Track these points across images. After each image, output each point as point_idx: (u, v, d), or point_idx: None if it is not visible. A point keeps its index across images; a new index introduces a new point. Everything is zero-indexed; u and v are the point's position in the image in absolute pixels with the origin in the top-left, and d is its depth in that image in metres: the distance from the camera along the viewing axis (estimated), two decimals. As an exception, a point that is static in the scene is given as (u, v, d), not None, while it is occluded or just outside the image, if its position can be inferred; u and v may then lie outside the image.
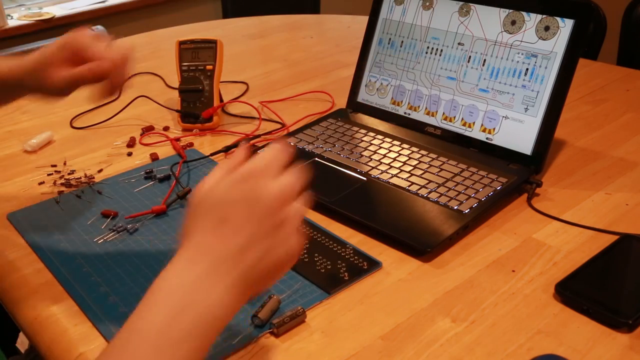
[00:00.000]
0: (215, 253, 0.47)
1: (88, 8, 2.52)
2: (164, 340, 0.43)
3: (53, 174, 0.92)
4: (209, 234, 0.47)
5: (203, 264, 0.46)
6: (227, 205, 0.48)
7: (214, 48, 1.08)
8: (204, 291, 0.46)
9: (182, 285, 0.46)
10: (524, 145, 0.87)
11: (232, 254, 0.47)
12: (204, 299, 0.45)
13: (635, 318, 0.61)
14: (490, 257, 0.72)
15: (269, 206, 0.48)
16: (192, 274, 0.46)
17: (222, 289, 0.46)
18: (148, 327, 0.44)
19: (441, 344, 0.60)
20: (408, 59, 1.00)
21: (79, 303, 0.67)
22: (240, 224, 0.47)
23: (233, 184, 0.49)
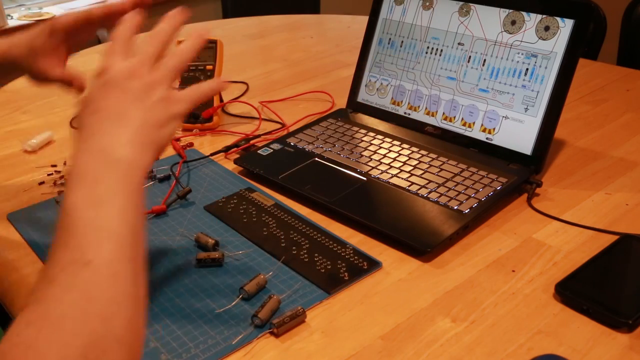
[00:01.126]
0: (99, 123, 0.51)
1: (88, 8, 2.52)
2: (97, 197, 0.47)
3: (53, 174, 0.92)
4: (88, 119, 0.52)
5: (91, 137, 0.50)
6: (91, 95, 0.53)
7: (214, 48, 1.08)
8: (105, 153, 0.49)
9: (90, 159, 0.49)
10: (524, 145, 0.87)
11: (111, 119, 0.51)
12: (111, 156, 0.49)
13: (635, 318, 0.61)
14: (490, 257, 0.72)
15: (130, 74, 0.53)
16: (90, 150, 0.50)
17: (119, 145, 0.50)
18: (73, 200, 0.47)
19: (441, 344, 0.60)
20: (408, 59, 1.00)
21: (79, 303, 0.67)
22: (105, 99, 0.52)
23: (94, 82, 0.54)
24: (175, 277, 0.70)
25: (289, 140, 0.97)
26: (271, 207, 0.82)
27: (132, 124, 0.51)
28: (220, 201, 0.84)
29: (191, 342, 0.61)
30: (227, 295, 0.67)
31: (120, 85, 0.53)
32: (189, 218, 0.81)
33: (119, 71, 0.53)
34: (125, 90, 0.52)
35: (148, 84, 0.53)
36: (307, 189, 0.84)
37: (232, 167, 0.93)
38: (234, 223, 0.79)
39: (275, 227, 0.78)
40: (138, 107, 0.52)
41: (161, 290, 0.68)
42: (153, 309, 0.65)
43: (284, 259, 0.72)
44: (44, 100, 1.19)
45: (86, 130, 0.51)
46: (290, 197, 0.85)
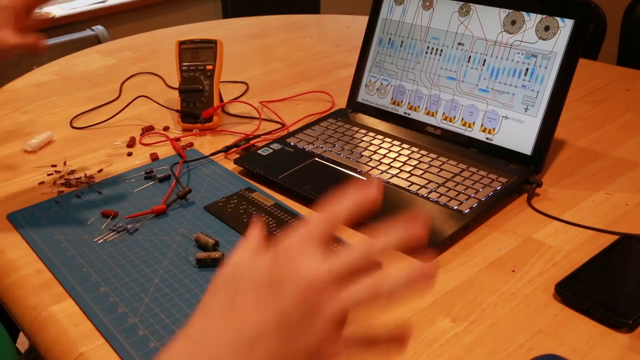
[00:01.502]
0: (217, 342, 0.37)
1: (88, 8, 2.52)
2: None
3: (53, 174, 0.92)
4: (216, 316, 0.39)
5: (198, 357, 0.38)
6: (243, 283, 0.38)
7: (214, 48, 1.08)
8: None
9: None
10: (524, 145, 0.87)
11: (236, 345, 0.37)
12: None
13: (635, 318, 0.61)
14: (490, 257, 0.72)
15: (298, 293, 0.37)
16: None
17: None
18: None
19: (441, 344, 0.60)
20: (408, 59, 1.00)
21: (79, 303, 0.67)
22: (253, 308, 0.37)
23: (258, 260, 0.39)
24: (175, 277, 0.70)
25: (289, 140, 0.97)
26: (271, 207, 0.82)
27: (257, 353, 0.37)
28: (220, 201, 0.84)
29: (191, 342, 0.61)
30: (227, 295, 0.67)
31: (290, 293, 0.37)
32: (189, 218, 0.81)
33: (301, 276, 0.37)
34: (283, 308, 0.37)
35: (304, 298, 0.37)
36: (307, 189, 0.84)
37: (232, 167, 0.93)
38: (234, 223, 0.79)
39: (275, 227, 0.78)
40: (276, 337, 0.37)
41: (161, 291, 0.68)
42: (153, 309, 0.65)
43: (284, 259, 0.72)
44: (44, 100, 1.19)
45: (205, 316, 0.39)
46: (290, 197, 0.85)
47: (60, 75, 1.33)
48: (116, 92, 1.22)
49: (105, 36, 2.38)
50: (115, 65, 1.37)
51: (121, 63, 1.39)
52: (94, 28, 2.40)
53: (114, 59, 1.41)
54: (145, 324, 0.63)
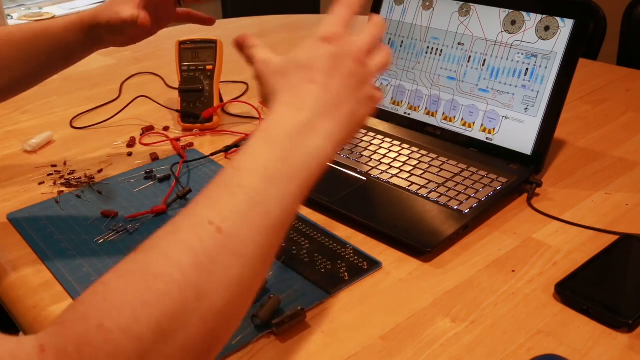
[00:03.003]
0: (317, 102, 0.48)
1: (88, 8, 2.53)
2: (275, 173, 0.44)
3: (53, 174, 0.92)
4: (304, 86, 0.48)
5: (305, 111, 0.47)
6: (315, 61, 0.49)
7: (214, 48, 1.08)
8: (309, 137, 0.46)
9: (288, 132, 0.46)
10: (524, 145, 0.87)
11: (331, 104, 0.48)
12: (310, 144, 0.46)
13: (635, 318, 0.61)
14: (490, 257, 0.72)
15: (356, 58, 0.50)
16: (294, 121, 0.47)
17: (323, 135, 0.47)
18: (256, 165, 0.44)
19: (441, 344, 0.60)
20: (408, 59, 1.00)
21: (79, 303, 0.67)
22: (330, 78, 0.49)
23: (316, 44, 0.50)
24: (175, 277, 0.70)
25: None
26: (271, 207, 0.82)
27: (342, 115, 0.48)
28: (220, 201, 0.84)
29: (191, 342, 0.61)
30: (227, 295, 0.66)
31: (346, 65, 0.49)
32: (189, 218, 0.81)
33: (351, 45, 0.50)
34: (349, 75, 0.49)
35: (366, 75, 0.51)
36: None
37: (232, 167, 0.93)
38: (234, 223, 0.79)
39: (275, 227, 0.78)
40: (351, 101, 0.49)
41: (161, 290, 0.68)
42: (153, 309, 0.65)
43: (283, 259, 0.72)
44: (44, 100, 1.19)
45: (294, 91, 0.48)
46: (290, 197, 0.85)
47: (60, 75, 1.31)
48: (116, 92, 1.22)
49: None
50: (115, 65, 1.37)
51: (121, 63, 1.39)
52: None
53: (114, 59, 1.41)
54: (145, 324, 0.63)
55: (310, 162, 0.46)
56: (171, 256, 0.40)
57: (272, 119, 0.47)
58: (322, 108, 0.48)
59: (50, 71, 0.85)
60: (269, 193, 0.43)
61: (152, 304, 0.37)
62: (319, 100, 0.48)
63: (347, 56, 0.50)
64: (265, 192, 0.43)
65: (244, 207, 0.42)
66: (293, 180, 0.44)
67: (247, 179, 0.43)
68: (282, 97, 0.49)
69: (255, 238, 0.42)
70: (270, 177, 0.44)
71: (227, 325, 0.41)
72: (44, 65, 0.82)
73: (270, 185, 0.43)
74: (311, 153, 0.46)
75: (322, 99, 0.48)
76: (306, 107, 0.47)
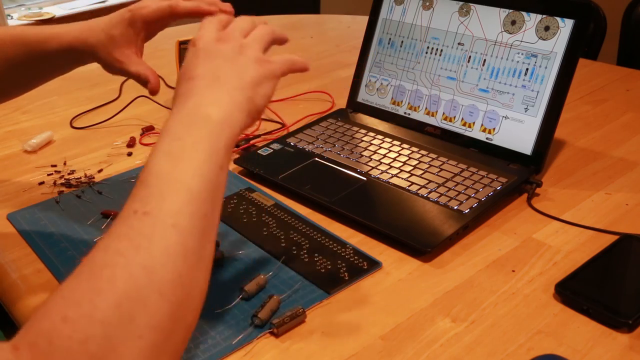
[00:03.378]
0: (198, 87, 0.52)
1: (88, 8, 2.53)
2: (176, 150, 0.48)
3: (53, 174, 0.92)
4: (186, 85, 0.53)
5: (190, 98, 0.51)
6: (187, 62, 0.55)
7: (214, 48, 1.07)
8: (196, 110, 0.50)
9: (177, 118, 0.50)
10: (524, 145, 0.87)
11: (209, 82, 0.52)
12: (200, 111, 0.50)
13: (635, 318, 0.61)
14: (490, 257, 0.72)
15: (219, 40, 0.56)
16: (179, 108, 0.51)
17: (210, 103, 0.51)
18: (157, 151, 0.48)
19: (441, 344, 0.60)
20: (408, 59, 1.00)
21: (79, 303, 0.67)
22: (201, 66, 0.54)
23: (188, 52, 0.56)
24: (175, 277, 0.70)
25: (289, 140, 0.97)
26: (271, 207, 0.82)
27: (226, 83, 0.51)
28: (220, 201, 0.84)
29: (191, 342, 0.61)
30: (227, 295, 0.67)
31: (212, 50, 0.54)
32: (189, 218, 0.81)
33: (209, 38, 0.55)
34: (217, 54, 0.53)
35: (239, 45, 0.55)
36: (307, 189, 0.84)
37: (232, 167, 0.93)
38: (234, 223, 0.79)
39: (275, 227, 0.78)
40: (231, 68, 0.53)
41: (161, 290, 0.68)
42: (153, 309, 0.65)
43: (284, 259, 0.72)
44: (44, 100, 1.19)
45: (181, 96, 0.52)
46: (290, 197, 0.85)
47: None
48: (116, 92, 1.22)
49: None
50: (115, 65, 1.37)
51: (121, 63, 1.38)
52: (94, 28, 2.40)
53: (114, 59, 1.41)
54: (145, 324, 0.63)
55: (210, 130, 0.48)
56: (109, 247, 0.42)
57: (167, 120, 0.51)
58: (203, 89, 0.51)
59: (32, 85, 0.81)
60: (180, 168, 0.46)
61: (105, 289, 0.40)
62: (199, 86, 0.52)
63: (211, 43, 0.55)
64: (174, 170, 0.46)
65: (161, 188, 0.45)
66: (197, 149, 0.47)
67: (154, 166, 0.47)
68: (174, 104, 0.53)
69: (183, 208, 0.44)
70: (173, 155, 0.47)
71: (188, 296, 0.43)
72: (28, 79, 0.79)
73: (177, 162, 0.46)
74: (202, 118, 0.49)
75: (201, 83, 0.52)
76: (191, 94, 0.51)
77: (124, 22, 0.70)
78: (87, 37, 0.71)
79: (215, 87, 0.51)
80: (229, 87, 0.52)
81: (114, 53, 0.71)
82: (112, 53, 0.71)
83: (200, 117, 0.49)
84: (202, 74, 0.53)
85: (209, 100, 0.50)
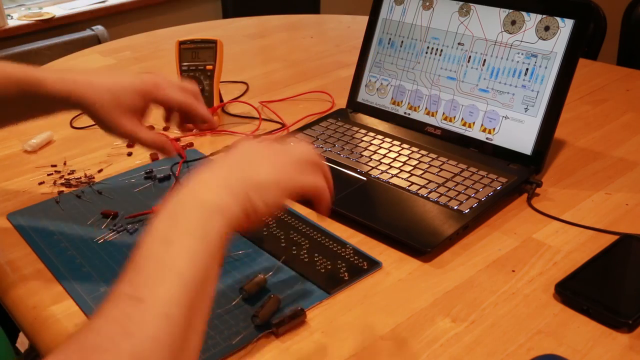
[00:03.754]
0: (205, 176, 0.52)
1: (88, 8, 2.52)
2: (170, 234, 0.47)
3: (53, 174, 0.92)
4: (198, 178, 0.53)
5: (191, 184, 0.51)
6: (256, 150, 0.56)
7: (214, 48, 1.08)
8: (194, 194, 0.50)
9: (176, 200, 0.49)
10: (524, 145, 0.87)
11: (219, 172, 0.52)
12: (198, 196, 0.49)
13: (635, 318, 0.61)
14: (490, 257, 0.72)
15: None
16: (181, 193, 0.50)
17: (209, 190, 0.50)
18: (152, 234, 0.46)
19: (441, 344, 0.60)
20: (408, 59, 1.00)
21: (79, 303, 0.67)
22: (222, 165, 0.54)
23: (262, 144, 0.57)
24: (175, 277, 0.70)
25: (289, 140, 0.97)
26: (271, 207, 0.82)
27: (228, 171, 0.51)
28: (220, 201, 0.84)
29: (191, 342, 0.61)
30: (227, 295, 0.67)
31: (239, 149, 0.55)
32: (189, 218, 0.81)
33: (248, 142, 0.56)
34: (239, 151, 0.54)
35: (269, 151, 0.55)
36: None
37: (232, 167, 0.93)
38: (234, 223, 0.79)
39: (275, 227, 0.78)
40: (243, 161, 0.53)
41: (161, 290, 0.68)
42: (153, 309, 0.65)
43: (284, 259, 0.72)
44: (44, 100, 1.19)
45: (190, 178, 0.51)
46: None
47: (60, 75, 1.32)
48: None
49: (105, 36, 2.38)
50: (115, 65, 1.37)
51: (121, 63, 1.39)
52: (94, 28, 2.40)
53: (114, 59, 1.41)
54: (145, 324, 0.63)
55: (203, 214, 0.47)
56: (101, 330, 0.41)
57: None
58: (209, 173, 0.51)
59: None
60: (172, 253, 0.45)
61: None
62: (207, 170, 0.52)
63: (249, 141, 0.56)
64: (167, 253, 0.45)
65: (153, 273, 0.44)
66: (190, 234, 0.46)
67: (148, 249, 0.45)
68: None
69: (174, 297, 0.43)
70: (167, 239, 0.45)
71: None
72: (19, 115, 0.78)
73: (169, 246, 0.45)
74: (199, 205, 0.48)
75: (211, 166, 0.52)
76: (197, 177, 0.51)
77: (137, 92, 0.70)
78: (79, 90, 0.69)
79: (220, 173, 0.51)
80: (232, 176, 0.51)
81: (118, 117, 0.70)
82: (115, 117, 0.70)
83: (198, 200, 0.49)
84: (221, 159, 0.53)
85: (208, 185, 0.50)
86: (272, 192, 0.52)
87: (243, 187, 0.50)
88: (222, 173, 0.51)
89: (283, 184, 0.53)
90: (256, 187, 0.51)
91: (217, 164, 0.52)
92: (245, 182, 0.51)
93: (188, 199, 0.49)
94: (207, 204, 0.48)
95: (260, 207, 0.51)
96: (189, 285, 0.44)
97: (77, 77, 0.70)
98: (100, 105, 0.69)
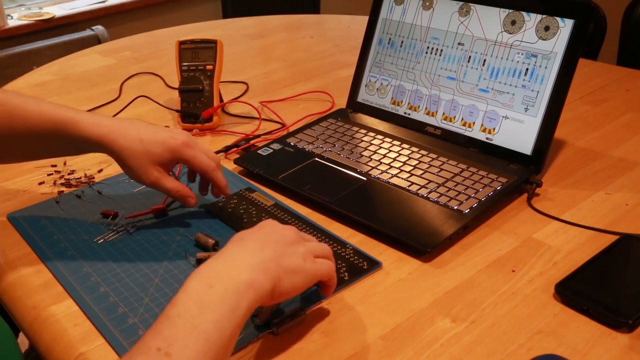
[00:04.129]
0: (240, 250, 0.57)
1: (88, 8, 2.52)
2: (206, 299, 0.51)
3: (53, 174, 0.92)
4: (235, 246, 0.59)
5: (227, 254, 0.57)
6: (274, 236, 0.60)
7: (214, 48, 1.08)
8: (230, 269, 0.54)
9: (213, 267, 0.54)
10: (524, 145, 0.87)
11: (253, 249, 0.57)
12: (232, 274, 0.54)
13: (635, 318, 0.61)
14: (490, 257, 0.72)
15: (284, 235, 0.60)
16: (218, 261, 0.55)
17: (243, 268, 0.55)
18: (189, 295, 0.51)
19: (441, 344, 0.60)
20: (408, 59, 1.00)
21: (79, 303, 0.67)
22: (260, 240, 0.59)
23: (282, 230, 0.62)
24: (175, 277, 0.70)
25: (289, 140, 0.97)
26: (271, 207, 0.82)
27: (264, 253, 0.56)
28: (220, 201, 0.84)
29: (191, 342, 0.61)
30: (227, 295, 0.66)
31: (274, 230, 0.60)
32: (188, 218, 0.81)
33: (276, 224, 0.61)
34: (275, 235, 0.60)
35: (299, 237, 0.61)
36: (307, 189, 0.84)
37: (232, 167, 0.93)
38: (234, 223, 0.79)
39: (275, 227, 0.78)
40: (277, 246, 0.58)
41: (161, 290, 0.68)
42: (153, 309, 0.65)
43: (284, 259, 0.72)
44: (44, 100, 1.19)
45: (227, 247, 0.57)
46: (290, 197, 0.85)
47: (60, 76, 1.33)
48: (116, 92, 1.22)
49: (105, 36, 2.38)
50: (115, 65, 1.37)
51: (121, 63, 1.39)
52: (94, 28, 2.40)
53: (114, 59, 1.42)
54: (145, 324, 0.63)
55: (239, 289, 0.52)
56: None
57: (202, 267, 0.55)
58: (245, 249, 0.57)
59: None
60: (204, 317, 0.49)
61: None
62: (244, 245, 0.57)
63: (275, 226, 0.61)
64: (200, 316, 0.49)
65: (184, 332, 0.48)
66: (223, 302, 0.51)
67: (183, 307, 0.50)
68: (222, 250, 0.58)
69: (200, 358, 0.47)
70: (201, 303, 0.50)
71: None
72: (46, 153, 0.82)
73: (202, 310, 0.50)
74: (236, 279, 0.53)
75: (248, 244, 0.58)
76: (235, 249, 0.57)
77: (167, 148, 0.74)
78: (116, 139, 0.73)
79: (257, 253, 0.56)
80: (266, 257, 0.56)
81: (145, 167, 0.74)
82: (142, 165, 0.74)
83: (234, 274, 0.53)
84: (254, 238, 0.58)
85: (247, 262, 0.55)
86: (299, 278, 0.58)
87: (277, 271, 0.56)
88: (259, 254, 0.56)
89: (309, 271, 0.59)
90: (288, 271, 0.57)
91: (252, 243, 0.58)
92: (279, 267, 0.56)
93: (225, 271, 0.53)
94: (244, 281, 0.53)
95: (288, 289, 0.57)
96: (213, 349, 0.48)
97: (112, 123, 0.74)
98: (130, 153, 0.73)
